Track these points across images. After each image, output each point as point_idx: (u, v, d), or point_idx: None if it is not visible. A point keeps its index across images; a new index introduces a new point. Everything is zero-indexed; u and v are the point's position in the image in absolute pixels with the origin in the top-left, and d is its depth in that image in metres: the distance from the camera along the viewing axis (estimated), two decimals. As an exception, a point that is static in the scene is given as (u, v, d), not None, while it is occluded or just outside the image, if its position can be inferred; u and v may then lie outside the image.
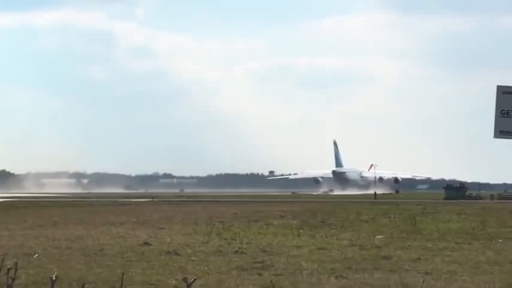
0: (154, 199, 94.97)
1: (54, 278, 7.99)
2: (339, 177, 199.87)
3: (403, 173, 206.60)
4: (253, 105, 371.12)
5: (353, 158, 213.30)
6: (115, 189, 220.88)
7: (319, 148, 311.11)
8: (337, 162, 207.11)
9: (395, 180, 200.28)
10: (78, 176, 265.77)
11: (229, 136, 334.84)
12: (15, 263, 8.37)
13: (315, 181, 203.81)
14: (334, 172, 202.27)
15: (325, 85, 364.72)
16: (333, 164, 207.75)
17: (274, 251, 23.32)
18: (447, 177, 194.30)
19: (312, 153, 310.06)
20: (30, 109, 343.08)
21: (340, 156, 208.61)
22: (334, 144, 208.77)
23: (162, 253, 22.54)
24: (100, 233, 30.90)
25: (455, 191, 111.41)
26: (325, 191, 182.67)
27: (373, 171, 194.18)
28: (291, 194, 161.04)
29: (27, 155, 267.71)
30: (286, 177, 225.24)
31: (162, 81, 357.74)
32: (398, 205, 67.08)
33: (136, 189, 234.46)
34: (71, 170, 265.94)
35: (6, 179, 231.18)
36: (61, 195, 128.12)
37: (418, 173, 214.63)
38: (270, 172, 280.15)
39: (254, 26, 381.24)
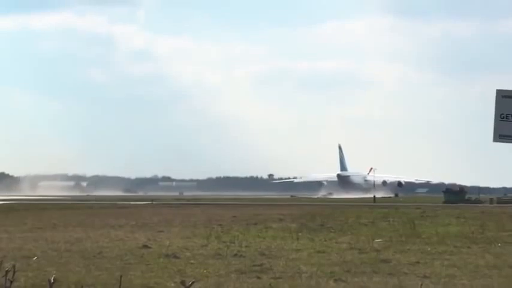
0: (154, 202, 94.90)
1: (52, 280, 7.98)
2: (344, 181, 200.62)
3: (407, 176, 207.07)
4: (253, 109, 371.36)
5: (353, 162, 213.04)
6: (114, 192, 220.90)
7: (319, 152, 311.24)
8: (342, 166, 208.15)
9: (398, 183, 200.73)
10: (78, 179, 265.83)
11: (228, 139, 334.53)
12: (13, 266, 8.36)
13: (319, 185, 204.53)
14: (339, 176, 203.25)
15: (325, 89, 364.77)
16: (336, 167, 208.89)
17: (273, 254, 23.32)
18: (446, 180, 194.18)
19: (312, 156, 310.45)
20: (30, 111, 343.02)
21: (344, 160, 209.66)
22: (339, 148, 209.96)
23: (161, 256, 22.53)
24: (99, 235, 30.89)
25: (454, 194, 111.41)
26: (324, 194, 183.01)
27: (376, 175, 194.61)
28: (290, 197, 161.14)
29: (27, 157, 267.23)
30: (292, 181, 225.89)
31: (162, 84, 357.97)
32: (398, 209, 67.07)
33: (135, 192, 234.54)
34: (70, 173, 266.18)
35: (5, 181, 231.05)
36: (60, 198, 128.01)
37: (420, 176, 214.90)
38: (269, 175, 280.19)
39: (254, 30, 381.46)
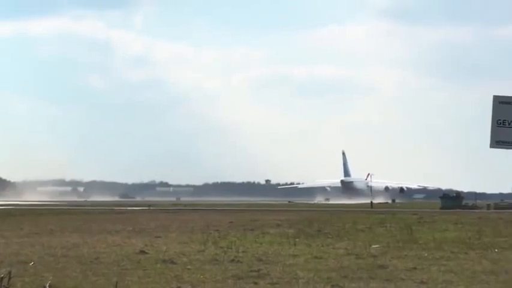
0: (151, 207, 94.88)
1: (48, 286, 7.98)
2: (347, 187, 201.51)
3: (409, 182, 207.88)
4: (251, 114, 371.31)
5: (351, 167, 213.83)
6: (111, 197, 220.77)
7: (317, 157, 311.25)
8: (346, 172, 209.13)
9: (400, 189, 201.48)
10: (75, 184, 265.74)
11: (226, 144, 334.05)
12: (9, 272, 8.36)
13: (323, 190, 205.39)
14: (342, 182, 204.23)
15: (324, 94, 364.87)
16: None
17: (270, 259, 23.30)
18: (443, 186, 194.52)
19: (310, 162, 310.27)
20: (28, 117, 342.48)
21: (348, 166, 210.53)
22: (343, 154, 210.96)
23: (158, 261, 22.51)
24: (96, 241, 30.86)
25: (451, 200, 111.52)
26: (320, 200, 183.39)
27: (378, 181, 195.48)
28: (288, 203, 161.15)
29: (24, 162, 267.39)
30: (295, 186, 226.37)
31: (160, 89, 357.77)
32: (395, 214, 67.04)
33: (132, 198, 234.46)
34: (68, 178, 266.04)
35: (2, 187, 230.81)
36: (57, 203, 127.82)
37: (420, 182, 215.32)
38: (267, 181, 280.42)
39: (253, 35, 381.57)
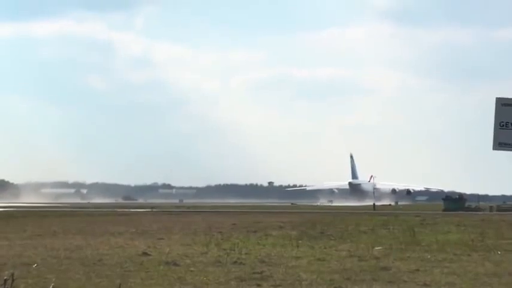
0: (154, 209, 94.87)
1: (52, 288, 8.00)
2: (355, 189, 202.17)
3: (417, 185, 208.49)
4: (251, 116, 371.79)
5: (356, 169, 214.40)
6: (114, 199, 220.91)
7: (318, 158, 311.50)
8: (353, 174, 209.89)
9: (407, 192, 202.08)
10: (78, 186, 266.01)
11: (228, 146, 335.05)
12: (12, 274, 8.38)
13: (330, 192, 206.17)
14: (350, 184, 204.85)
15: (324, 96, 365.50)
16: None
17: (273, 261, 23.29)
18: (446, 188, 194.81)
19: (311, 163, 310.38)
20: (30, 118, 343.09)
21: (356, 168, 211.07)
22: (351, 157, 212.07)
23: (161, 263, 22.51)
24: (99, 243, 30.86)
25: (454, 202, 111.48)
26: (323, 202, 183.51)
27: (385, 183, 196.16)
28: (291, 204, 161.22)
29: (27, 164, 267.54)
30: (304, 188, 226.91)
31: (160, 91, 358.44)
32: (397, 216, 66.99)
33: (135, 200, 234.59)
34: (70, 180, 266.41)
35: (5, 189, 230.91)
36: (60, 205, 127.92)
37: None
38: (269, 183, 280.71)
39: (253, 37, 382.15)
